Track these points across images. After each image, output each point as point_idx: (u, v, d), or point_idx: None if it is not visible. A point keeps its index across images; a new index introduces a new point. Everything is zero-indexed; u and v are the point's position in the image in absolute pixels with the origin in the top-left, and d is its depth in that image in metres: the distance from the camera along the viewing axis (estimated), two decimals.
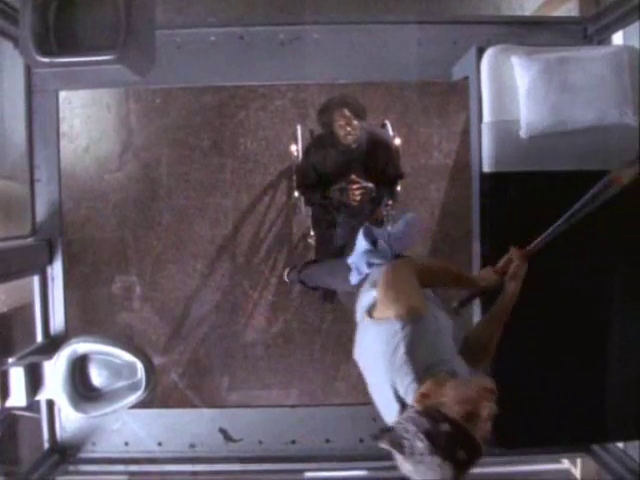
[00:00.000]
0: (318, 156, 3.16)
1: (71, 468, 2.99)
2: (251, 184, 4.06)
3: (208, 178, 3.99)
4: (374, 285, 1.71)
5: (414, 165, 3.94)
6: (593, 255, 2.55)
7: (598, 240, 2.54)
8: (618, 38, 3.05)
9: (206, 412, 3.17)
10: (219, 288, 3.97)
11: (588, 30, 2.94)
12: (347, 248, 2.34)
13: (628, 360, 2.57)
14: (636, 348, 2.57)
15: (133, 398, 2.49)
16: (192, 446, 3.02)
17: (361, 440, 2.98)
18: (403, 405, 1.45)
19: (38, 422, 3.01)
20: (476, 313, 2.52)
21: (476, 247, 2.66)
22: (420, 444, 1.27)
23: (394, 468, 1.37)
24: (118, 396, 2.52)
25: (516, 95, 2.57)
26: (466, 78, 2.80)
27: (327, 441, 2.99)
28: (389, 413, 1.49)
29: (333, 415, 3.05)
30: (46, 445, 2.99)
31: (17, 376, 2.52)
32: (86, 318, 3.92)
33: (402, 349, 1.44)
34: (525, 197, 2.54)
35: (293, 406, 3.28)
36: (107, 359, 2.51)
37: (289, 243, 4.07)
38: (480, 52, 2.65)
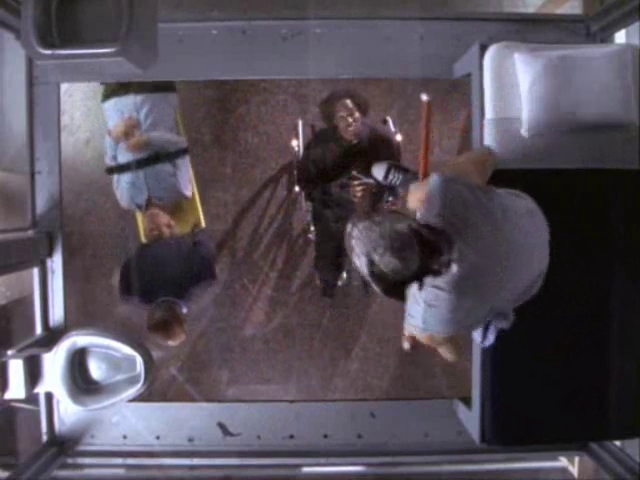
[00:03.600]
0: (319, 151, 3.17)
1: (69, 461, 3.00)
2: (251, 179, 4.05)
3: (208, 172, 3.99)
4: None
5: (415, 162, 3.93)
6: (592, 253, 2.55)
7: (596, 240, 2.54)
8: (621, 37, 3.04)
9: (205, 406, 3.17)
10: (218, 282, 3.97)
11: (591, 28, 2.93)
12: None
13: (627, 357, 2.57)
14: (635, 345, 2.57)
15: (132, 391, 2.49)
16: (190, 440, 3.02)
17: (359, 436, 2.98)
18: None
19: (36, 415, 3.01)
20: None
21: None
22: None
23: (392, 464, 1.38)
24: (117, 389, 2.52)
25: (518, 92, 2.56)
26: (468, 75, 2.79)
27: (325, 436, 2.99)
28: None
29: (331, 411, 3.05)
30: (44, 438, 2.99)
31: (16, 368, 2.52)
32: (85, 311, 3.92)
33: None
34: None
35: (291, 401, 3.28)
36: (106, 352, 2.51)
37: (289, 238, 4.08)
38: (483, 49, 2.64)
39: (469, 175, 1.97)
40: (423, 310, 1.79)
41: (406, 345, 2.30)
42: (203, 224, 3.60)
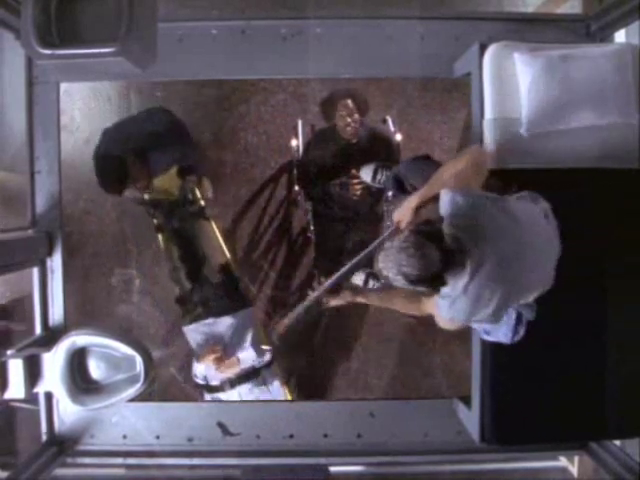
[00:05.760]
0: (319, 151, 3.17)
1: (69, 460, 2.99)
2: (251, 178, 4.05)
3: (208, 172, 3.99)
4: None
5: None
6: (592, 253, 2.55)
7: (596, 239, 2.54)
8: (621, 36, 3.04)
9: (204, 406, 3.17)
10: None
11: (591, 27, 2.93)
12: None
13: (627, 357, 2.56)
14: (635, 345, 2.57)
15: (132, 391, 2.48)
16: (190, 440, 3.02)
17: (359, 435, 2.98)
18: None
19: (36, 414, 3.01)
20: None
21: None
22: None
23: (392, 464, 1.38)
24: (116, 389, 2.51)
25: (518, 92, 2.56)
26: (468, 74, 2.79)
27: (325, 436, 2.99)
28: None
29: (331, 410, 3.05)
30: (44, 437, 2.99)
31: (16, 368, 2.52)
32: (85, 310, 3.92)
33: None
34: None
35: (291, 401, 3.28)
36: (106, 352, 2.51)
37: (289, 238, 4.08)
38: (482, 48, 2.64)
39: (470, 181, 2.11)
40: (449, 304, 2.01)
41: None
42: None
